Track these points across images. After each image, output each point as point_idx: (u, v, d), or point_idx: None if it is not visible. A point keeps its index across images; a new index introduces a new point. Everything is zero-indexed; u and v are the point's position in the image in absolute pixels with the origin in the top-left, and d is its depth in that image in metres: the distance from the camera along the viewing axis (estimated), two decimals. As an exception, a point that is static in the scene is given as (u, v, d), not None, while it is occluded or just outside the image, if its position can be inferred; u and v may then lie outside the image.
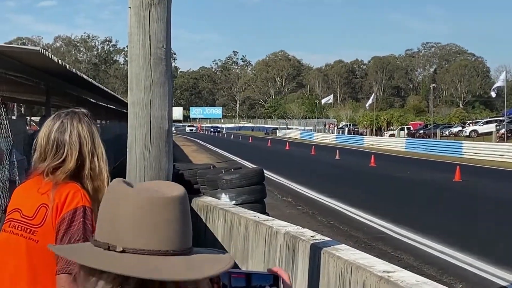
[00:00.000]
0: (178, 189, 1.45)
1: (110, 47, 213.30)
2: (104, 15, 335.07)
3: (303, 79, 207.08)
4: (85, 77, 18.81)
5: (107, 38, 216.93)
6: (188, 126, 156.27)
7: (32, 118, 33.01)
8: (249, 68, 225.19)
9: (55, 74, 15.67)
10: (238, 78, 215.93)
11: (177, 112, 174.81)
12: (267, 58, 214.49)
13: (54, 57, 12.22)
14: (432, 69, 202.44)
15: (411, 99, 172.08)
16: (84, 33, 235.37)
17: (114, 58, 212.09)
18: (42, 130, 3.16)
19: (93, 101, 29.81)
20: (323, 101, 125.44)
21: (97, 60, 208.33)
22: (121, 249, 1.38)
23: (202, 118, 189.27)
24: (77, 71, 16.44)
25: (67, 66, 14.45)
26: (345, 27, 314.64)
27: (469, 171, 34.01)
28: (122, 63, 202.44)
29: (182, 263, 1.38)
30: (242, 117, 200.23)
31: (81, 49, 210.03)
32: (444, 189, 26.00)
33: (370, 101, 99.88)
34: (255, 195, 13.28)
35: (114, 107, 39.49)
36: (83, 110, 3.25)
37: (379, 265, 5.22)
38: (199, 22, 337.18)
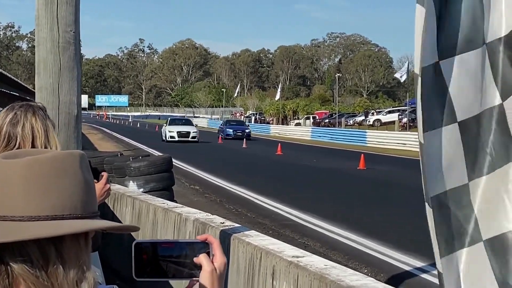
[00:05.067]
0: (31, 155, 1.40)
1: (12, 33, 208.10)
2: (7, 0, 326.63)
3: (210, 68, 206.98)
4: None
5: (9, 24, 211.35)
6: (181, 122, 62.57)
7: None
8: (156, 56, 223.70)
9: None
10: (144, 66, 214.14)
11: (82, 100, 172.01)
12: (174, 46, 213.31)
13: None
14: (337, 59, 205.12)
15: (316, 88, 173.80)
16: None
17: (17, 44, 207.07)
18: None
19: (-5, 87, 29.10)
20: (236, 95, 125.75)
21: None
22: None
23: (107, 106, 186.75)
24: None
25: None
26: (252, 16, 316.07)
27: (373, 159, 34.71)
28: (25, 49, 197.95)
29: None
30: (148, 105, 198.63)
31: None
32: (349, 177, 26.45)
33: (278, 92, 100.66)
34: (163, 183, 13.25)
35: (18, 94, 38.67)
36: (38, 103, 3.14)
37: (289, 250, 5.27)
38: (104, 9, 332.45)
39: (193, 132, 55.65)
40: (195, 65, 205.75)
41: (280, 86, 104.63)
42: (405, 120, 66.18)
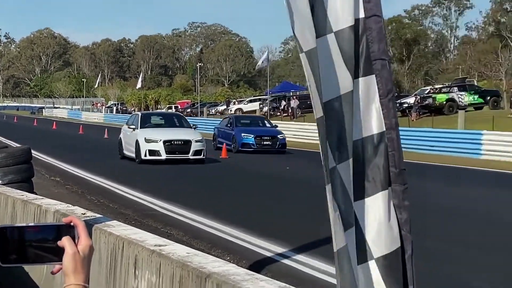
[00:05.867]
0: None
1: None
2: None
3: (70, 58, 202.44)
4: None
5: None
6: None
7: None
8: (13, 46, 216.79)
9: None
10: (1, 56, 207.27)
11: None
12: (32, 35, 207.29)
13: None
14: (198, 49, 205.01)
15: (178, 78, 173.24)
16: None
17: None
18: None
19: None
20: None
21: None
22: None
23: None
24: None
25: None
26: (112, 5, 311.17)
27: (236, 148, 35.00)
28: None
29: None
30: (6, 96, 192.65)
31: None
32: (212, 166, 26.61)
33: (139, 81, 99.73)
34: (22, 174, 12.98)
35: None
36: None
37: (151, 239, 5.29)
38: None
39: (196, 141, 27.49)
40: (54, 54, 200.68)
41: (141, 75, 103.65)
42: (266, 109, 67.00)
